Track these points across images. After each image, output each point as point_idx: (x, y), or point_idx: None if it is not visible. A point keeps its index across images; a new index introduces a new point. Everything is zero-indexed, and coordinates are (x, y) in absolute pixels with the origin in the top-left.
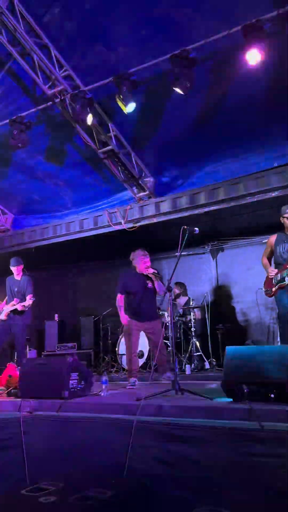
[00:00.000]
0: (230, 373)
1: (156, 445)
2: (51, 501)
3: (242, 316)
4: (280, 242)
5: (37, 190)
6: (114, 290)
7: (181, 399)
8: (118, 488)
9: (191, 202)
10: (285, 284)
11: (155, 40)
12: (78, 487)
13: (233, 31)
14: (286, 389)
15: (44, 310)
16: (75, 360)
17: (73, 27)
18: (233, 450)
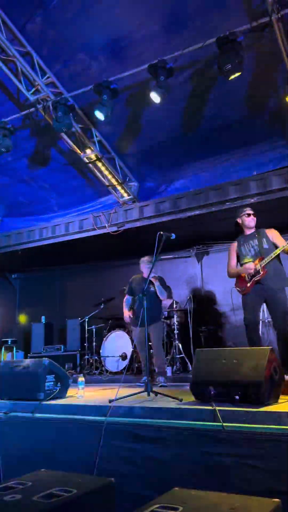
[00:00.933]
0: (198, 375)
1: (124, 445)
2: (16, 499)
3: (224, 319)
4: (242, 244)
5: (24, 193)
6: (100, 292)
7: (151, 401)
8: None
9: (174, 207)
10: (261, 276)
11: (134, 50)
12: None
13: (208, 43)
14: (250, 391)
15: (31, 312)
16: (51, 362)
17: (55, 36)
18: (194, 450)
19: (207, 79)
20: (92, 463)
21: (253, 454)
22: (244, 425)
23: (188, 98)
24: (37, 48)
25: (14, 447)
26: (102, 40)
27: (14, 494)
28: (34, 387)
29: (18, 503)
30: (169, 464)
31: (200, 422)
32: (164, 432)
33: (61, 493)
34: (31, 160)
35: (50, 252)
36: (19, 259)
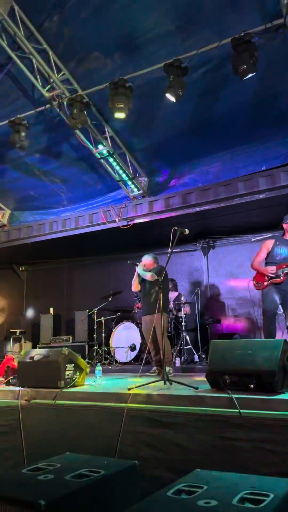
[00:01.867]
0: (214, 365)
1: (144, 430)
2: (49, 478)
3: (231, 311)
4: (278, 245)
5: (34, 187)
6: (107, 285)
7: (168, 389)
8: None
9: (183, 202)
10: (280, 281)
11: (149, 48)
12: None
13: (223, 43)
14: (264, 379)
15: (39, 304)
16: (70, 352)
17: (71, 34)
18: (213, 435)
19: (220, 77)
20: (113, 448)
21: (269, 438)
22: (260, 411)
23: (200, 95)
24: (53, 45)
25: (37, 433)
26: (117, 38)
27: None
28: (54, 375)
29: (52, 481)
30: (188, 448)
31: (218, 408)
32: (182, 418)
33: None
34: (43, 155)
35: (59, 245)
36: (28, 252)
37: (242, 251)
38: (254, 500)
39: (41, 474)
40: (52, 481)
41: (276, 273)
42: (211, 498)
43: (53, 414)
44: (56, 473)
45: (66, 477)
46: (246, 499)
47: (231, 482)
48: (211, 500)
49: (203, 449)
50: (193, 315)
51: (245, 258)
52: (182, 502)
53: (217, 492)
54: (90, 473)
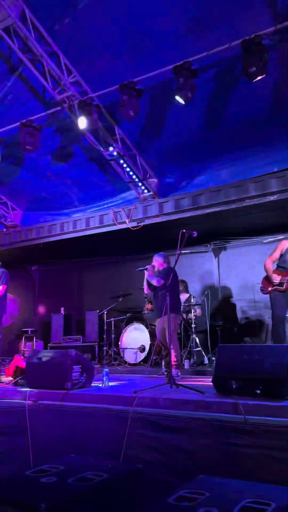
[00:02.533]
0: (221, 370)
1: (149, 434)
2: (52, 481)
3: (241, 314)
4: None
5: (46, 188)
6: (118, 286)
7: (174, 393)
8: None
9: (193, 204)
10: (283, 289)
11: (159, 50)
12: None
13: (233, 44)
14: (271, 385)
15: (50, 303)
16: (78, 353)
17: (81, 36)
18: (218, 440)
19: (230, 79)
20: (118, 451)
21: (274, 445)
22: (265, 418)
23: (211, 97)
24: (64, 48)
25: (43, 434)
26: (127, 40)
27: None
28: (61, 377)
29: (55, 484)
30: (193, 453)
31: (223, 414)
32: (188, 423)
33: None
34: (54, 156)
35: (70, 246)
36: (39, 252)
37: (254, 253)
38: (255, 509)
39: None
40: (55, 484)
41: (280, 281)
42: (212, 506)
43: (59, 415)
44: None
45: (69, 480)
46: (247, 508)
47: (234, 490)
48: (212, 508)
49: (208, 455)
50: (203, 317)
51: (257, 259)
52: (182, 510)
53: (218, 499)
54: (94, 476)
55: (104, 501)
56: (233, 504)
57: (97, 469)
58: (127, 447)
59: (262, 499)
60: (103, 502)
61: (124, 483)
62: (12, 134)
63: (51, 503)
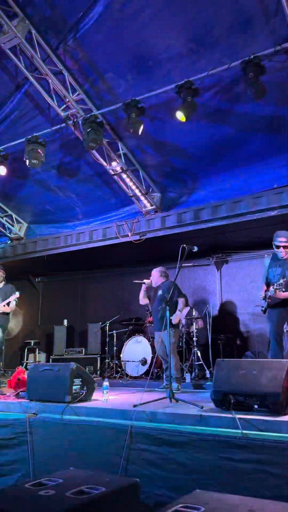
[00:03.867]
0: (219, 384)
1: (148, 448)
2: (50, 494)
3: (243, 327)
4: (272, 266)
5: (50, 201)
6: (121, 298)
7: (174, 407)
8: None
9: (195, 218)
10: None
11: (160, 70)
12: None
13: (233, 65)
14: (268, 400)
15: (53, 315)
16: (78, 366)
17: (85, 56)
18: (216, 455)
19: (231, 97)
20: (117, 464)
21: (271, 460)
22: (263, 433)
23: (211, 115)
24: (69, 67)
25: (43, 446)
26: (130, 60)
27: (47, 490)
28: (61, 390)
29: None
30: (190, 468)
31: (221, 428)
32: (186, 437)
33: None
34: (59, 171)
35: (74, 258)
36: (43, 264)
37: (256, 266)
38: None
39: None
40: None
41: (265, 295)
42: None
43: (59, 428)
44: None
45: (66, 493)
46: None
47: (230, 504)
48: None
49: (205, 469)
50: (205, 330)
51: (258, 273)
52: None
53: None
54: (91, 490)
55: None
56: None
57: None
58: (126, 461)
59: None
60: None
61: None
62: (18, 149)
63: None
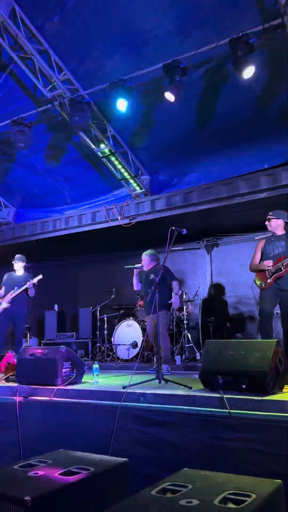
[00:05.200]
0: (207, 365)
1: (137, 428)
2: (39, 475)
3: (233, 310)
4: (269, 243)
5: (38, 185)
6: (111, 282)
7: (162, 388)
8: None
9: (184, 201)
10: (282, 273)
11: (148, 49)
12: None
13: (221, 43)
14: (255, 380)
15: (44, 300)
16: (68, 350)
17: (71, 34)
18: (204, 434)
19: (220, 76)
20: (107, 445)
21: (258, 439)
22: (250, 412)
23: (201, 95)
24: (54, 46)
25: (33, 428)
26: (117, 38)
27: (36, 471)
28: (52, 373)
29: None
30: (179, 447)
31: (209, 408)
32: (174, 417)
33: (79, 471)
34: (46, 154)
35: (63, 243)
36: (32, 249)
37: (246, 250)
38: (236, 500)
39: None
40: (41, 478)
41: (277, 268)
42: (194, 498)
43: (49, 411)
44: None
45: (55, 473)
46: (228, 499)
47: (217, 482)
48: (193, 499)
49: (194, 448)
50: (195, 313)
51: (248, 256)
52: (164, 501)
53: (201, 491)
54: (80, 470)
55: (89, 493)
56: (214, 495)
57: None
58: (115, 441)
59: (243, 490)
60: (88, 494)
61: (110, 476)
62: (3, 131)
63: (36, 496)
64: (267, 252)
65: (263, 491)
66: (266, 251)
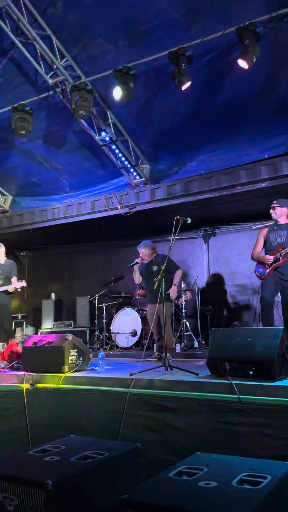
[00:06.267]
0: (215, 352)
1: (146, 414)
2: (55, 460)
3: (230, 298)
4: (272, 231)
5: (36, 173)
6: (108, 271)
7: (170, 375)
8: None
9: (185, 190)
10: (280, 263)
11: (153, 36)
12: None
13: (227, 32)
14: (263, 366)
15: (40, 289)
16: (74, 337)
17: (75, 20)
18: (213, 419)
19: (224, 65)
20: (116, 431)
21: (267, 423)
22: (258, 397)
23: (204, 84)
24: (57, 31)
25: (41, 416)
26: (122, 25)
27: (52, 456)
28: (58, 361)
29: (58, 463)
30: (188, 432)
31: (217, 394)
32: (183, 403)
33: (94, 455)
34: (45, 141)
35: (61, 232)
36: (29, 237)
37: (243, 239)
38: (252, 481)
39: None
40: (58, 462)
41: (275, 258)
42: (211, 480)
43: (57, 398)
44: (62, 455)
45: (71, 458)
46: (244, 480)
47: (231, 465)
48: (211, 481)
49: (203, 433)
50: (193, 302)
51: (246, 245)
52: (183, 483)
53: (217, 474)
54: (95, 455)
55: (106, 477)
56: (231, 477)
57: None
58: (124, 428)
59: (258, 472)
60: (104, 478)
61: (124, 461)
62: (3, 118)
63: (57, 480)
64: (270, 241)
65: (278, 473)
66: (270, 239)
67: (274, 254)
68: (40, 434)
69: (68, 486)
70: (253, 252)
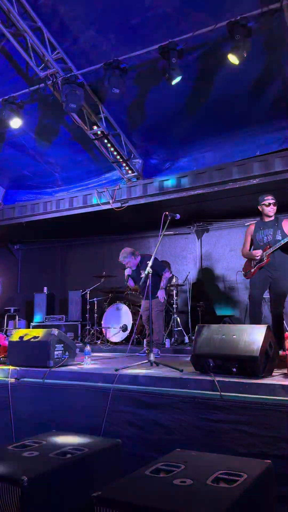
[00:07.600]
0: (199, 348)
1: (129, 410)
2: (34, 455)
3: (222, 294)
4: (258, 229)
5: (28, 166)
6: (101, 266)
7: (154, 370)
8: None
9: (177, 186)
10: (264, 263)
11: (145, 30)
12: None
13: (218, 26)
14: (246, 364)
15: (33, 282)
16: (60, 332)
17: (66, 12)
18: (195, 416)
19: (215, 60)
20: (99, 426)
21: (248, 421)
22: (240, 394)
23: (195, 79)
24: (48, 23)
25: (25, 410)
26: (113, 18)
27: (31, 451)
28: (44, 355)
29: (36, 458)
30: (170, 428)
31: (200, 390)
32: (166, 399)
33: (73, 451)
34: (37, 134)
35: (54, 225)
36: (22, 230)
37: (236, 235)
38: (228, 480)
39: (26, 451)
40: (36, 458)
41: (261, 257)
42: (187, 477)
43: (41, 392)
44: (41, 450)
45: (50, 454)
46: (220, 478)
47: (209, 462)
48: (187, 479)
49: (185, 430)
50: (184, 297)
51: (238, 242)
52: (158, 481)
53: (193, 471)
54: (74, 450)
55: (84, 473)
56: (207, 475)
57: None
58: (108, 423)
59: (234, 470)
60: (82, 474)
61: (103, 457)
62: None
63: (33, 476)
64: (257, 240)
65: (254, 471)
66: (257, 239)
67: (263, 251)
68: (25, 429)
69: (44, 482)
70: (243, 250)
